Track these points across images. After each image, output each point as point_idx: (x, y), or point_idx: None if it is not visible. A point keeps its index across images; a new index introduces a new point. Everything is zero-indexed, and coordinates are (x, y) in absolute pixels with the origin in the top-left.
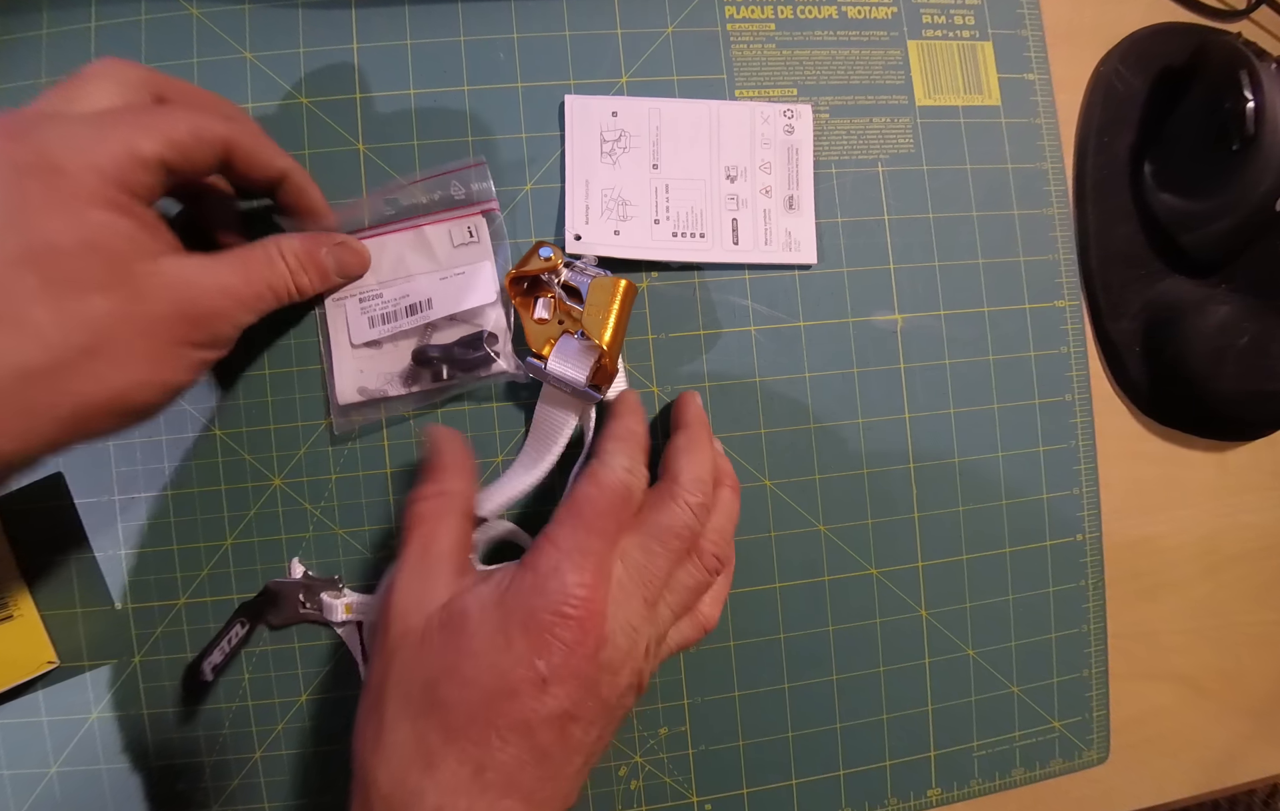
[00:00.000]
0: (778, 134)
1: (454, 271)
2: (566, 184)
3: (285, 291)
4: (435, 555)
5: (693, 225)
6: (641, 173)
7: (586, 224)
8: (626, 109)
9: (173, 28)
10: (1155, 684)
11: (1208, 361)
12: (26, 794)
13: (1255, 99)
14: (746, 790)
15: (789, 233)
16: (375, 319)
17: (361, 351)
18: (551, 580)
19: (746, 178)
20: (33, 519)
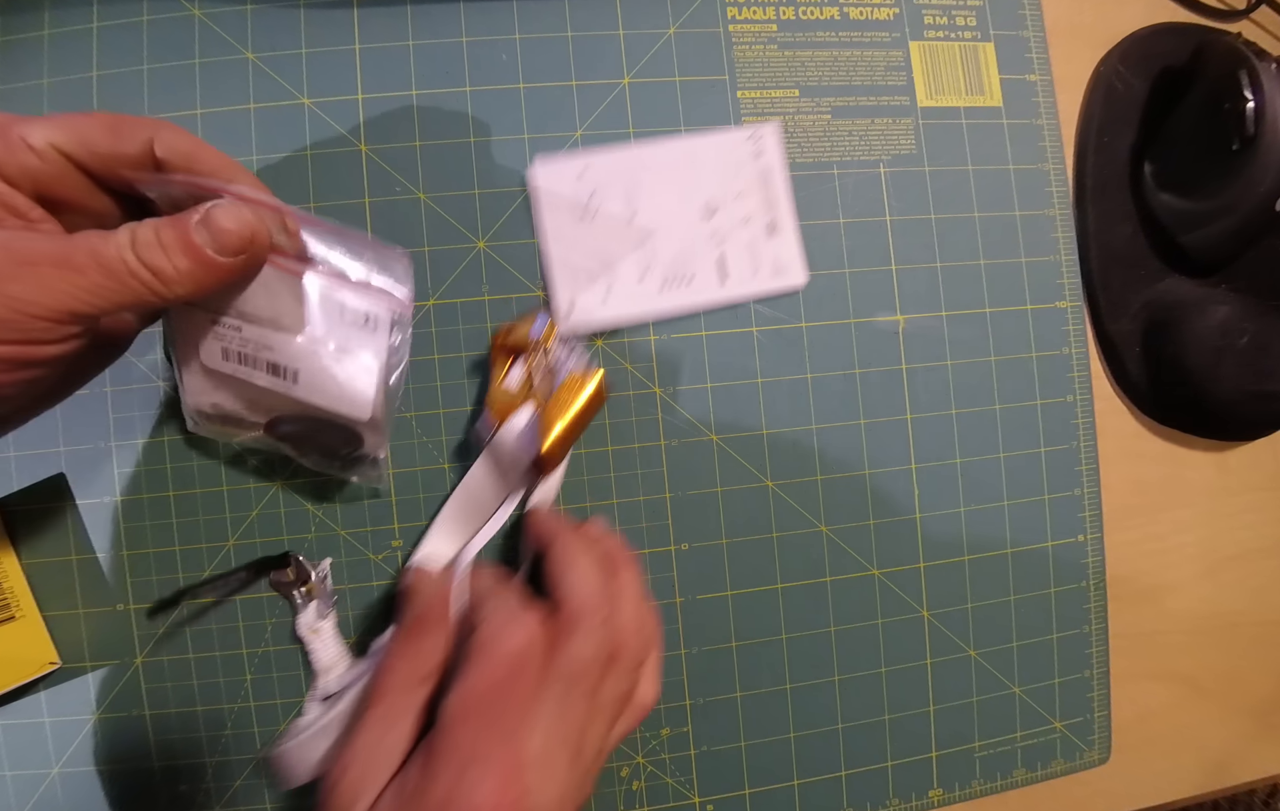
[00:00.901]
0: (747, 160)
1: (331, 354)
2: (549, 258)
3: (121, 266)
4: (393, 738)
5: (679, 271)
6: (620, 228)
7: (576, 295)
8: (593, 164)
9: (174, 28)
10: (1155, 684)
11: (1207, 361)
12: (28, 795)
13: (1255, 99)
14: (748, 791)
15: (775, 258)
16: (230, 353)
17: (217, 375)
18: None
19: (724, 210)
20: (35, 519)
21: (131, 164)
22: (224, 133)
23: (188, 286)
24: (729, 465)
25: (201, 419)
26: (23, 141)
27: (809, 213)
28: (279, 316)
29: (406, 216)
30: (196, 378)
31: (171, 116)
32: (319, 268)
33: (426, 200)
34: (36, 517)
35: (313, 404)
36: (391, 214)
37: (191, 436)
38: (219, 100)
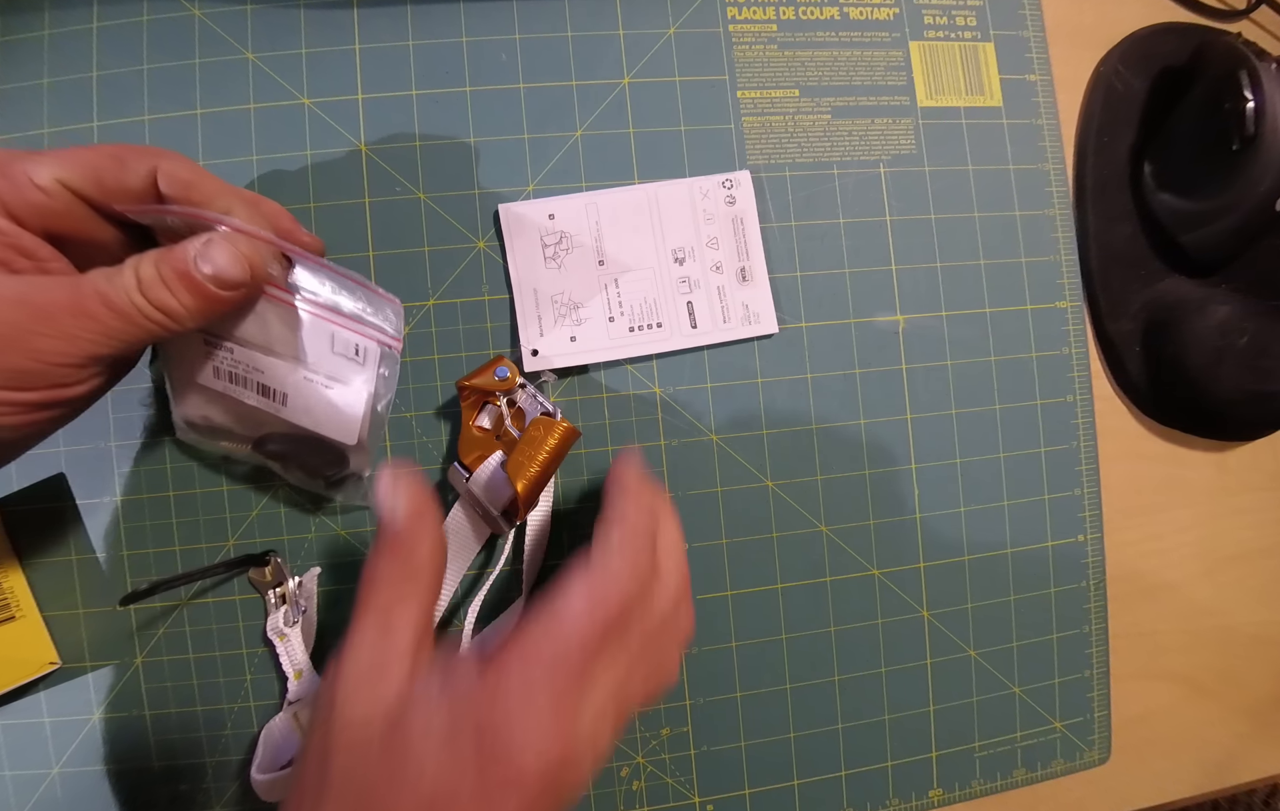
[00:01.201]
0: (719, 207)
1: (320, 379)
2: (515, 296)
3: (133, 309)
4: (393, 641)
5: (648, 316)
6: (588, 272)
7: (541, 336)
8: (562, 209)
9: (175, 28)
10: (1155, 684)
11: (1207, 361)
12: (28, 795)
13: (1255, 99)
14: (748, 790)
15: (746, 306)
16: (221, 372)
17: (208, 391)
18: (516, 732)
19: (695, 257)
20: (35, 520)
21: (135, 195)
22: (224, 133)
23: (195, 320)
24: (729, 465)
25: (190, 428)
26: (28, 180)
27: (809, 213)
28: (271, 342)
29: (406, 216)
30: (188, 391)
31: (171, 116)
32: (313, 299)
33: (426, 200)
34: (36, 517)
35: (301, 426)
36: (391, 214)
37: None
38: (219, 100)
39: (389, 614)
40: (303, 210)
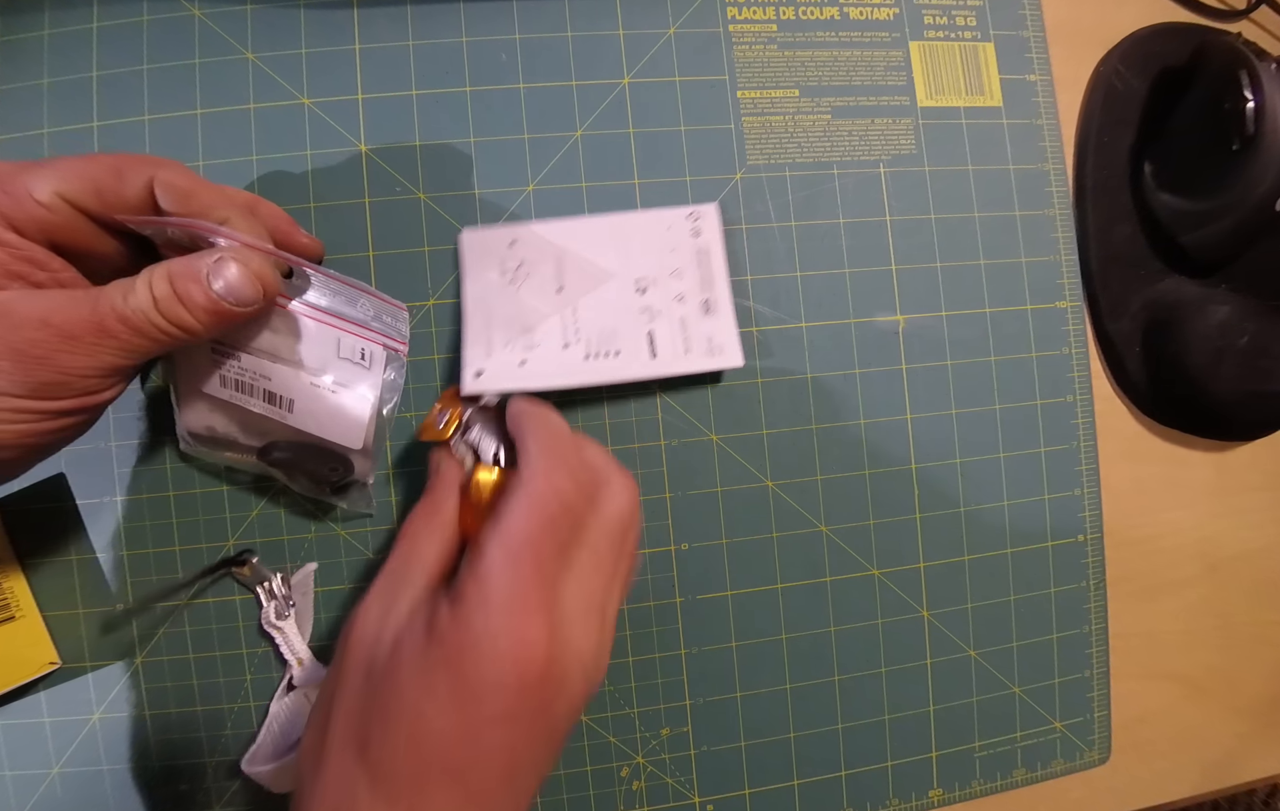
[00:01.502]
0: (684, 238)
1: (326, 385)
2: (465, 316)
3: (150, 327)
4: (411, 568)
5: (605, 344)
6: (546, 298)
7: (489, 357)
8: (525, 237)
9: (175, 28)
10: (1155, 684)
11: (1207, 361)
12: (28, 795)
13: (1255, 99)
14: (748, 790)
15: (709, 338)
16: (228, 380)
17: (214, 400)
18: (485, 641)
19: (658, 286)
20: (35, 519)
21: (133, 207)
22: (224, 133)
23: (209, 334)
24: (729, 465)
25: (195, 440)
26: (28, 194)
27: (809, 213)
28: (278, 350)
29: (406, 216)
30: (193, 401)
31: (171, 116)
32: (318, 306)
33: (426, 200)
34: (36, 517)
35: (306, 432)
36: (391, 214)
37: None
38: (219, 100)
39: (410, 549)
40: (303, 210)
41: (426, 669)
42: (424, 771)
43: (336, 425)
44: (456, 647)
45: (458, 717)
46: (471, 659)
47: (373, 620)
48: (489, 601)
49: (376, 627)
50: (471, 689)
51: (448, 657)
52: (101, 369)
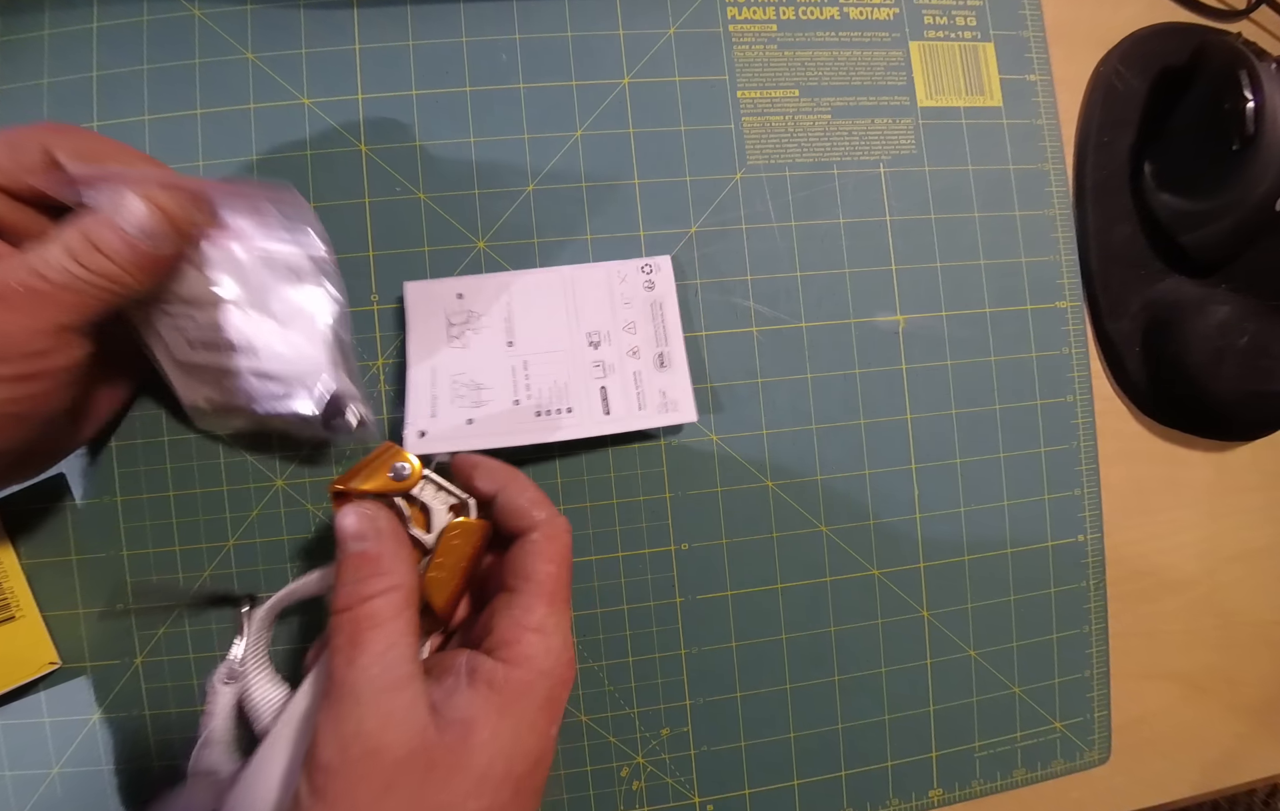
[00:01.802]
0: (638, 291)
1: (276, 314)
2: (409, 373)
3: (75, 281)
4: (401, 670)
5: (557, 401)
6: (495, 352)
7: (434, 416)
8: (473, 289)
9: (174, 28)
10: (1155, 684)
11: (1207, 361)
12: (28, 795)
13: (1255, 99)
14: (748, 791)
15: (663, 393)
16: (194, 342)
17: (192, 367)
18: (557, 669)
19: (611, 341)
20: (35, 519)
21: (35, 175)
22: (224, 133)
23: (141, 280)
24: (729, 465)
25: (200, 414)
26: None
27: (809, 213)
28: (218, 292)
29: (406, 216)
30: (178, 375)
31: (171, 116)
32: (236, 233)
33: (426, 200)
34: (36, 517)
35: (277, 370)
36: (391, 214)
37: (189, 433)
38: (219, 100)
39: (387, 642)
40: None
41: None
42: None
43: (299, 355)
44: (524, 686)
45: (548, 741)
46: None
47: (393, 737)
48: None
49: (404, 740)
50: (550, 713)
51: (517, 698)
52: (43, 327)
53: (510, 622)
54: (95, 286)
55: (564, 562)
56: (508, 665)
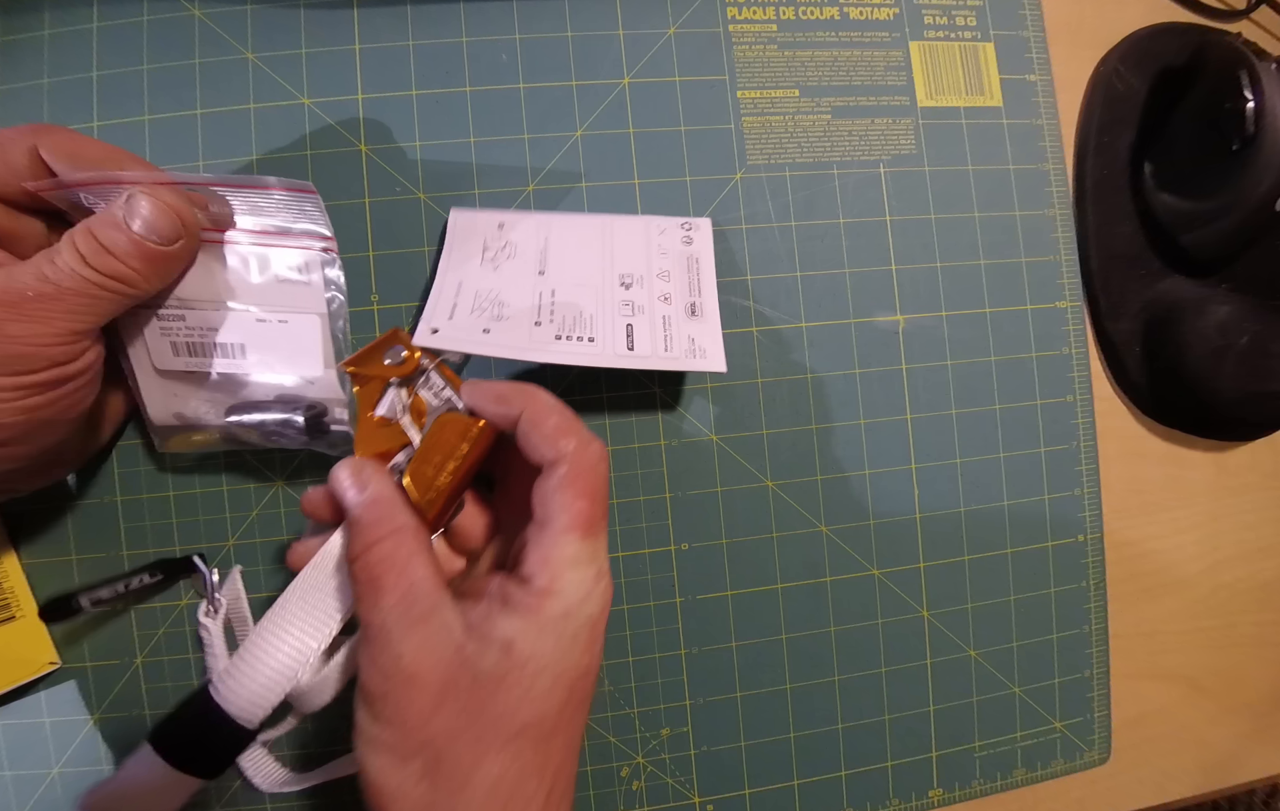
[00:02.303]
0: (675, 245)
1: (274, 315)
2: (434, 282)
3: (86, 285)
4: (426, 602)
5: (580, 329)
6: (525, 277)
7: (450, 319)
8: (514, 221)
9: (174, 28)
10: (1155, 684)
11: (1208, 361)
12: (29, 795)
13: (1255, 99)
14: (748, 791)
15: (692, 339)
16: (179, 347)
17: (171, 376)
18: (591, 598)
19: (643, 284)
20: (35, 519)
21: (21, 177)
22: (224, 133)
23: (151, 280)
24: (729, 465)
25: (167, 435)
26: None
27: (809, 213)
28: (217, 292)
29: (406, 216)
30: (154, 387)
31: (171, 116)
32: (240, 230)
33: (426, 200)
34: (36, 517)
35: (266, 373)
36: (391, 214)
37: None
38: (219, 100)
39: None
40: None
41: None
42: (579, 713)
43: (296, 354)
44: (558, 615)
45: (593, 658)
46: (574, 616)
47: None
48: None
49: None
50: (590, 634)
51: (553, 623)
52: (58, 335)
53: (540, 557)
54: (106, 288)
55: (596, 495)
56: (539, 596)
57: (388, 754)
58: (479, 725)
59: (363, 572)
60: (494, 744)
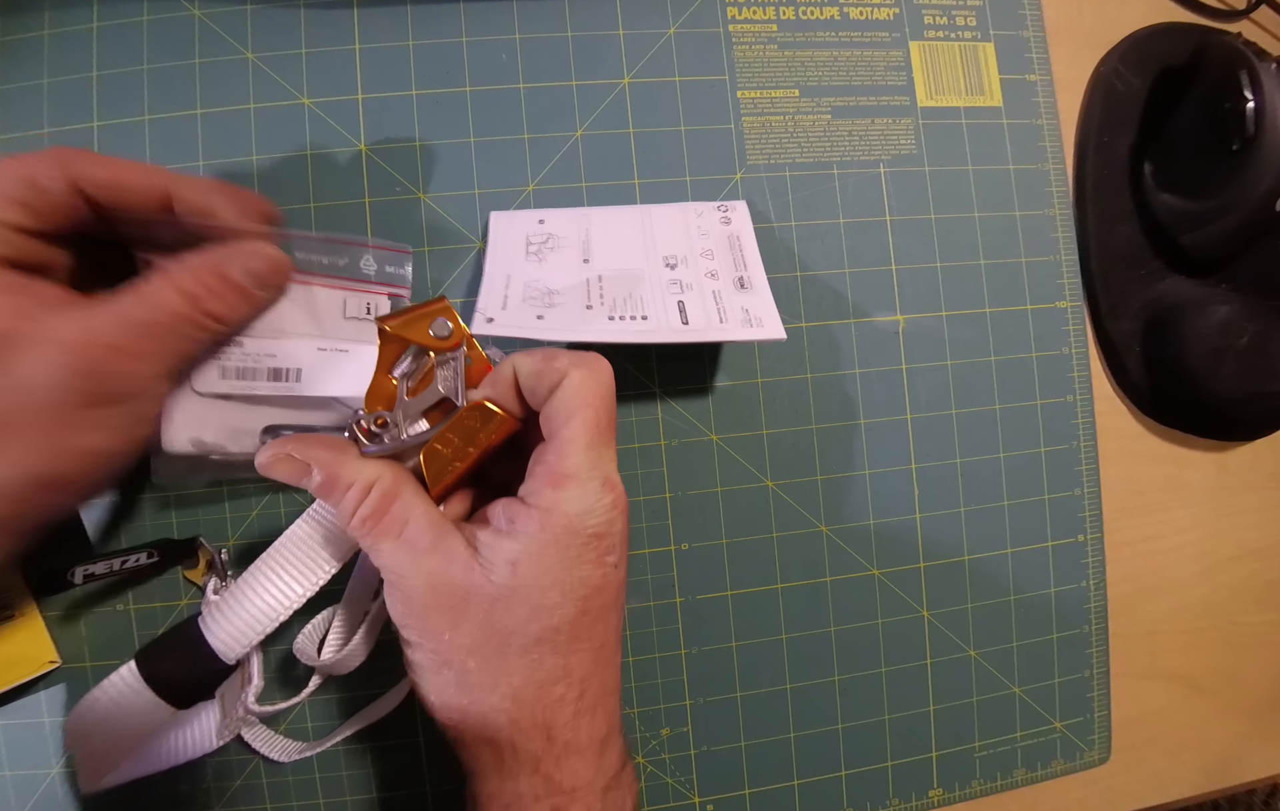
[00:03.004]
0: (714, 226)
1: (335, 346)
2: (484, 277)
3: (197, 325)
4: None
5: (632, 308)
6: (571, 266)
7: (504, 309)
8: (554, 218)
9: (174, 28)
10: (1155, 684)
11: (1208, 361)
12: (28, 794)
13: (1255, 99)
14: (748, 791)
15: (745, 310)
16: (229, 370)
17: (208, 398)
18: (597, 510)
19: (688, 264)
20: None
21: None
22: (224, 133)
23: (241, 324)
24: (729, 465)
25: (170, 462)
26: None
27: (809, 213)
28: (284, 325)
29: (406, 216)
30: (183, 409)
31: (171, 116)
32: (321, 272)
33: (426, 200)
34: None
35: (315, 395)
36: (391, 214)
37: None
38: (219, 100)
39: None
40: (303, 210)
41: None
42: (600, 621)
43: (350, 375)
44: (562, 529)
45: (594, 569)
46: (579, 529)
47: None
48: (586, 489)
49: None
50: (600, 546)
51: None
52: (167, 371)
53: (544, 470)
54: (206, 329)
55: (601, 403)
56: (543, 511)
57: (425, 671)
58: (497, 637)
59: (359, 529)
60: (513, 653)
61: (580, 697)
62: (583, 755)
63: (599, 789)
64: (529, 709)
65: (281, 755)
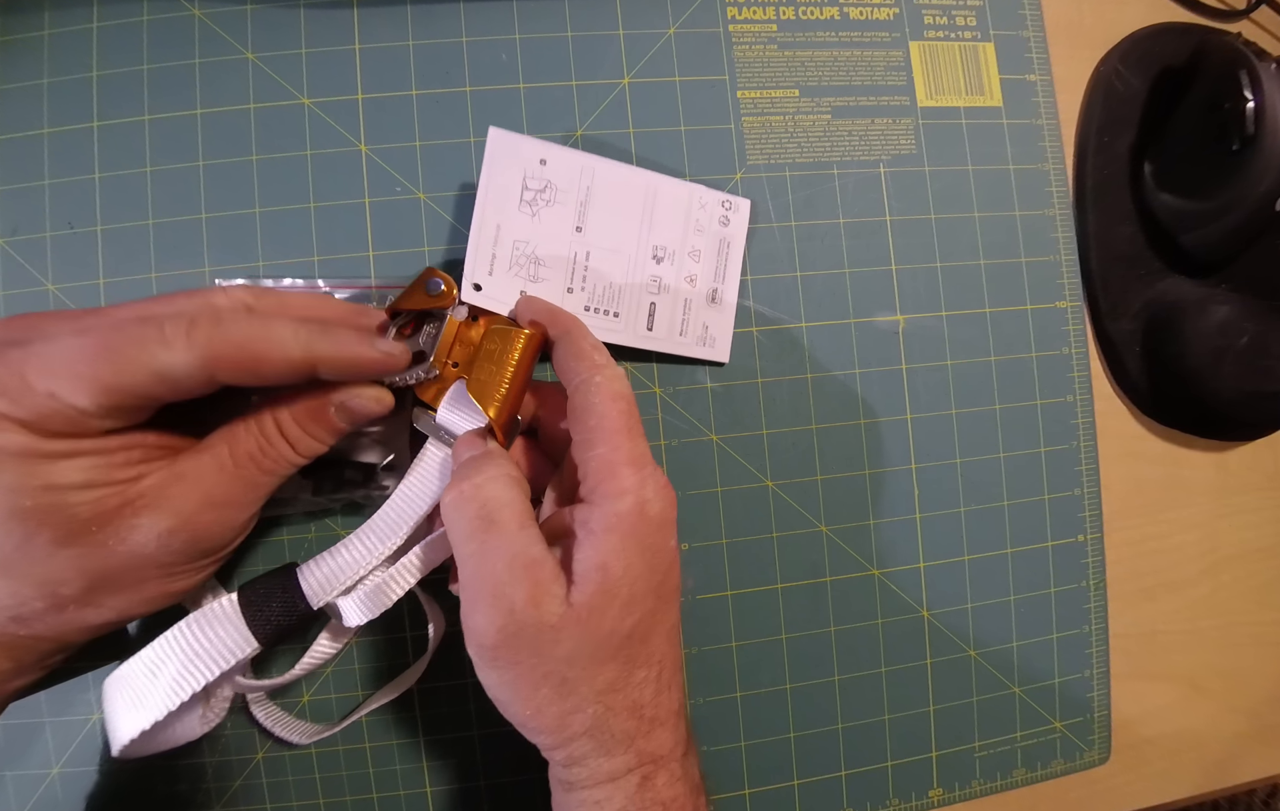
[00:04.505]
0: (712, 223)
1: None
2: (474, 224)
3: (285, 465)
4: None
5: (609, 302)
6: (562, 232)
7: (490, 275)
8: (558, 159)
9: (174, 28)
10: (1155, 684)
11: (1207, 361)
12: (28, 795)
13: (1255, 99)
14: (748, 791)
15: (705, 327)
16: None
17: None
18: (661, 492)
19: (674, 262)
20: None
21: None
22: (224, 133)
23: (322, 451)
24: (729, 465)
25: None
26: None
27: (809, 213)
28: None
29: (406, 216)
30: None
31: (171, 116)
32: None
33: (426, 200)
34: None
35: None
36: (391, 214)
37: None
38: (219, 100)
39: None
40: (303, 210)
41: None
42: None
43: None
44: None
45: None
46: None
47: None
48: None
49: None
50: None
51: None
52: (250, 517)
53: (600, 464)
54: (290, 465)
55: (631, 395)
56: (613, 500)
57: (520, 688)
58: (592, 643)
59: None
60: (607, 655)
61: (659, 676)
62: (665, 726)
63: (679, 756)
64: (622, 694)
65: (300, 737)
